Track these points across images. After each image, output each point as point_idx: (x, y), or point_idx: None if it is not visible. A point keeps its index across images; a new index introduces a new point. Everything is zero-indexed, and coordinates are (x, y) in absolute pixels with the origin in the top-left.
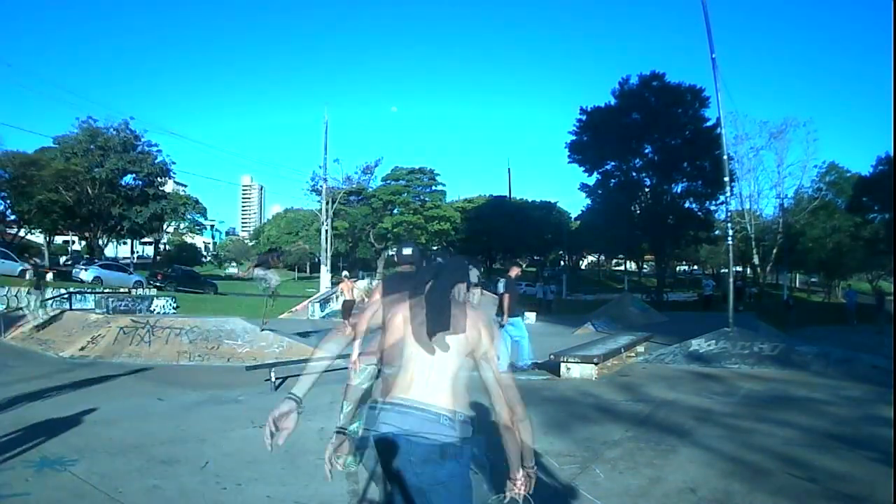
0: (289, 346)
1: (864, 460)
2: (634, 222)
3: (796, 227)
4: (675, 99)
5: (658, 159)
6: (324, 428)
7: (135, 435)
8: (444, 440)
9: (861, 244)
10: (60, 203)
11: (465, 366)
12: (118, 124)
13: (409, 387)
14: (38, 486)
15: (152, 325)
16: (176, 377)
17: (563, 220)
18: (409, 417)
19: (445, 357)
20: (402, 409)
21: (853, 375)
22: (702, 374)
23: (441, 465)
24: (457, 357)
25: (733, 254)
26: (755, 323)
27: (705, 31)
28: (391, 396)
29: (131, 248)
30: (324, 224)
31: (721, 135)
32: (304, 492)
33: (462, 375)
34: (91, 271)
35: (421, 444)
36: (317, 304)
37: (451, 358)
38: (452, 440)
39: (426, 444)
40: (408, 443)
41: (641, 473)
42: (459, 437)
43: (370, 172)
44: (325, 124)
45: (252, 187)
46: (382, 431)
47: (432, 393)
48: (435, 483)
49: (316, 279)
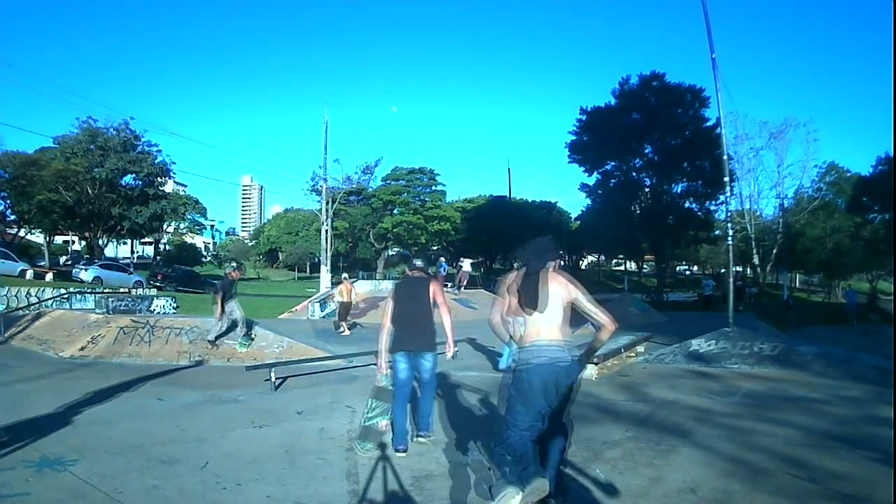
0: (289, 346)
1: (864, 460)
2: (634, 222)
3: (796, 227)
4: (675, 99)
5: (658, 159)
6: (324, 428)
7: (135, 435)
8: (570, 360)
9: (861, 244)
10: (60, 203)
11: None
12: (118, 124)
13: (538, 333)
14: (38, 486)
15: (152, 325)
16: (176, 378)
17: (563, 220)
18: (550, 351)
19: (551, 311)
20: (544, 347)
21: (853, 375)
22: (702, 374)
23: (572, 374)
24: (559, 309)
25: (733, 254)
26: (755, 323)
27: (705, 31)
28: (531, 341)
29: (131, 248)
30: (324, 224)
31: (721, 135)
32: (304, 492)
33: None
34: (91, 271)
35: (562, 365)
36: (317, 304)
37: (555, 311)
38: (573, 359)
39: (564, 364)
40: (555, 365)
41: (641, 473)
42: (574, 356)
43: (370, 172)
44: (325, 124)
45: (252, 187)
46: (540, 361)
47: (552, 334)
48: (569, 384)
49: (316, 279)
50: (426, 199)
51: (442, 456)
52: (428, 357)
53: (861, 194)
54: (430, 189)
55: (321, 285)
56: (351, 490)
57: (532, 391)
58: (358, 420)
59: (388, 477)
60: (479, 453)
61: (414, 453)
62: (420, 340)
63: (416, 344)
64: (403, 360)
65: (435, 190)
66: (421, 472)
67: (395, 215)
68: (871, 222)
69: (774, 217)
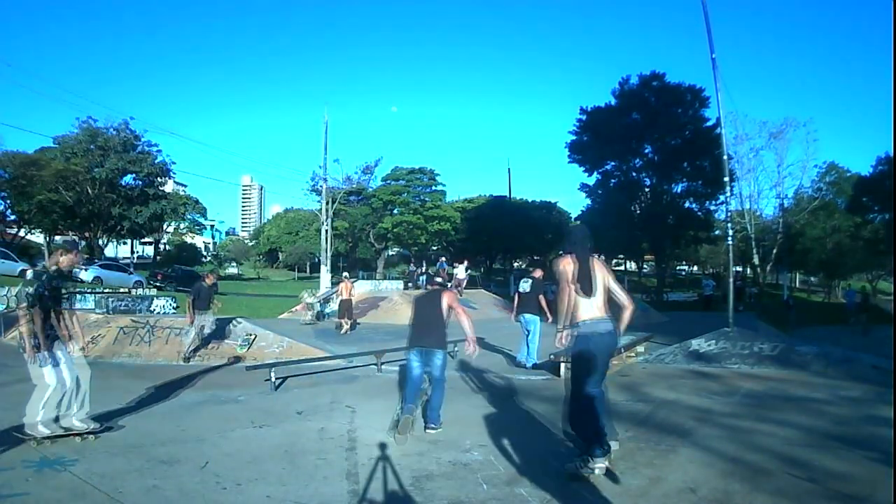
0: (289, 345)
1: (864, 460)
2: (634, 222)
3: (796, 227)
4: (675, 99)
5: (658, 159)
6: (324, 428)
7: (135, 435)
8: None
9: (861, 244)
10: (60, 203)
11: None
12: (118, 124)
13: (592, 312)
14: (38, 486)
15: (152, 325)
16: (176, 377)
17: (563, 220)
18: (604, 324)
19: (599, 293)
20: (599, 322)
21: (853, 375)
22: (702, 374)
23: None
24: (604, 291)
25: (733, 254)
26: (755, 323)
27: (705, 31)
28: (589, 318)
29: (131, 248)
30: (324, 224)
31: (721, 135)
32: (304, 492)
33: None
34: (91, 271)
35: (611, 335)
36: (317, 303)
37: (602, 293)
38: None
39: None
40: (607, 335)
41: (641, 473)
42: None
43: (370, 172)
44: (325, 124)
45: (252, 187)
46: (600, 331)
47: (602, 312)
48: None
49: (316, 279)
50: (426, 199)
51: (442, 456)
52: (438, 355)
53: (861, 194)
54: (430, 189)
55: (321, 285)
56: (351, 490)
57: (595, 358)
58: (358, 420)
59: (388, 477)
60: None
61: (414, 453)
62: (430, 339)
63: (427, 342)
64: (416, 358)
65: (435, 190)
66: (421, 472)
67: (395, 215)
68: (871, 222)
69: (774, 217)
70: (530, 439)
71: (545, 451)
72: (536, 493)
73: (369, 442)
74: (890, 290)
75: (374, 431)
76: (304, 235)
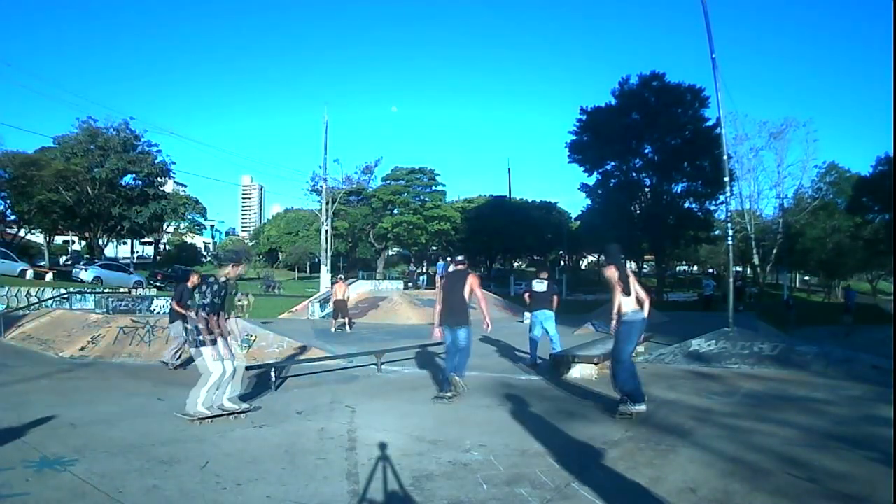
0: (289, 345)
1: (864, 460)
2: (634, 222)
3: (796, 227)
4: (674, 99)
5: (658, 159)
6: (324, 428)
7: (135, 435)
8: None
9: (861, 244)
10: (60, 203)
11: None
12: (118, 124)
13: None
14: (38, 486)
15: (152, 325)
16: (176, 377)
17: (563, 220)
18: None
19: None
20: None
21: (853, 375)
22: (702, 374)
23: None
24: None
25: (733, 254)
26: (755, 323)
27: (705, 31)
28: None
29: (131, 248)
30: (324, 224)
31: (721, 135)
32: (304, 492)
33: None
34: (91, 271)
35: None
36: (317, 303)
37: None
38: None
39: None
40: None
41: (641, 473)
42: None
43: (370, 172)
44: (325, 124)
45: (252, 187)
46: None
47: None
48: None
49: (316, 279)
50: (426, 199)
51: (442, 456)
52: (462, 331)
53: (861, 194)
54: (430, 189)
55: (321, 285)
56: (351, 490)
57: (638, 335)
58: (358, 420)
59: (388, 477)
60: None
61: (414, 453)
62: (456, 318)
63: (452, 321)
64: (448, 334)
65: (435, 190)
66: (421, 472)
67: (395, 215)
68: (871, 222)
69: (774, 217)
70: (530, 439)
71: (545, 451)
72: (536, 493)
73: (369, 442)
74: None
75: (374, 431)
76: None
